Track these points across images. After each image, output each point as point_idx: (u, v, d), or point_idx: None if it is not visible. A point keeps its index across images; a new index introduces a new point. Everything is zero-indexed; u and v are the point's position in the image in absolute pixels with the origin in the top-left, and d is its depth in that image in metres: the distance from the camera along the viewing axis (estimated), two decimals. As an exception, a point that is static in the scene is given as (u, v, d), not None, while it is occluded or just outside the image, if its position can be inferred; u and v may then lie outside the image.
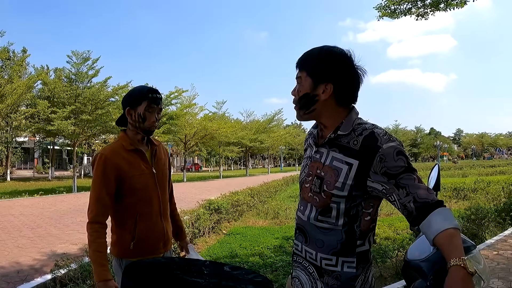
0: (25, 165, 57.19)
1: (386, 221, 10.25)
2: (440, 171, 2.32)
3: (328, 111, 1.70)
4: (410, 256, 1.98)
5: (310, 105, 1.70)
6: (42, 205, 15.90)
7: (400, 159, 1.56)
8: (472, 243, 1.86)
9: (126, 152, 2.44)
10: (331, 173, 1.65)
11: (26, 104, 31.46)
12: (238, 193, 14.21)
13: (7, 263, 7.05)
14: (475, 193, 16.07)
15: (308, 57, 1.71)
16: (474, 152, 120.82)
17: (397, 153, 1.57)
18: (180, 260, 1.68)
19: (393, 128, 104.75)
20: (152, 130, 2.50)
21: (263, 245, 7.80)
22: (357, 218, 1.66)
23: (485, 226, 8.03)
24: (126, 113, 2.47)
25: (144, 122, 2.43)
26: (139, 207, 2.44)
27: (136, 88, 2.52)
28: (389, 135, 1.64)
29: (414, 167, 1.59)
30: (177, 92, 35.19)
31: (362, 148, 1.60)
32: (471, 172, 35.35)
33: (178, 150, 55.33)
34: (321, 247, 1.69)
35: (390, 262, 5.82)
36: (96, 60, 26.90)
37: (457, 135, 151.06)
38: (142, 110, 2.42)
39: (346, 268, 1.66)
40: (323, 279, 1.69)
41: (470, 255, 1.76)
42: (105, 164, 2.35)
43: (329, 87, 1.65)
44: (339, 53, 1.67)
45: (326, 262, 1.68)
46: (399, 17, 9.95)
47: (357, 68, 1.68)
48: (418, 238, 2.13)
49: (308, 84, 1.68)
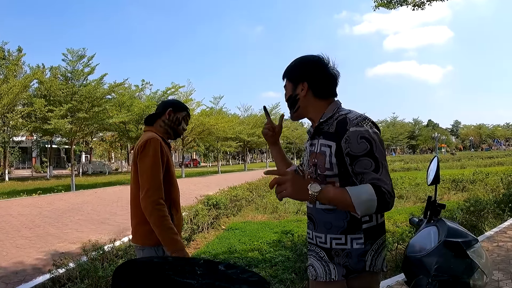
0: (23, 165, 57.07)
1: (385, 214, 10.16)
2: (439, 163, 2.29)
3: (310, 105, 2.00)
4: (410, 251, 1.95)
5: (295, 104, 2.03)
6: (41, 204, 15.86)
7: (362, 142, 1.75)
8: (473, 237, 1.84)
9: (165, 144, 2.76)
10: (321, 157, 1.88)
11: (23, 103, 31.32)
12: (236, 188, 14.19)
13: (5, 264, 7.02)
14: (474, 184, 16.05)
15: (288, 68, 2.07)
16: (472, 143, 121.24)
17: (361, 137, 1.75)
18: (173, 259, 1.64)
19: (391, 120, 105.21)
20: (179, 135, 3.03)
21: (262, 240, 7.77)
22: None
23: (484, 218, 8.01)
24: (167, 112, 2.86)
25: (179, 126, 2.93)
26: (174, 195, 2.76)
27: (180, 101, 3.10)
28: (361, 120, 1.82)
29: (378, 155, 1.74)
30: (174, 88, 35.08)
31: (336, 131, 1.84)
32: (470, 163, 35.41)
33: (176, 146, 55.27)
34: (330, 228, 1.87)
35: (390, 255, 5.79)
36: (91, 58, 26.79)
37: (455, 126, 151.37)
38: (181, 116, 2.94)
39: (356, 245, 1.82)
40: (333, 260, 1.86)
41: (471, 250, 1.74)
42: (161, 148, 2.63)
43: (305, 85, 1.98)
44: (310, 58, 2.02)
45: (336, 241, 1.85)
46: (395, 7, 9.90)
47: (330, 68, 1.99)
48: (418, 232, 2.10)
49: (290, 88, 2.04)
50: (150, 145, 2.60)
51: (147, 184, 2.52)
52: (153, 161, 2.57)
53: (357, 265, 1.82)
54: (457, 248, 1.77)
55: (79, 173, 45.95)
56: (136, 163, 2.65)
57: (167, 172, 2.68)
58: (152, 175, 2.54)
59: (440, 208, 2.17)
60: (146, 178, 2.54)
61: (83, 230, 9.93)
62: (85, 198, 18.08)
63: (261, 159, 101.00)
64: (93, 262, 5.60)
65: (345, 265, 1.83)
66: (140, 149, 2.62)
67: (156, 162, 2.57)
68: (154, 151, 2.59)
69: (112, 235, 8.04)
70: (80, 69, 26.64)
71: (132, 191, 2.72)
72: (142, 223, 2.62)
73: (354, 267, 1.82)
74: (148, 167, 2.55)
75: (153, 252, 2.62)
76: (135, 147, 2.73)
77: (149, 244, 2.62)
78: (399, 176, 21.00)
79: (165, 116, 2.86)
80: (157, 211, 2.49)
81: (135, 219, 2.71)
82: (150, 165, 2.56)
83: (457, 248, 1.77)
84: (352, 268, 1.82)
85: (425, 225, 2.16)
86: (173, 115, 2.88)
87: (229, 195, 11.96)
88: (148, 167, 2.55)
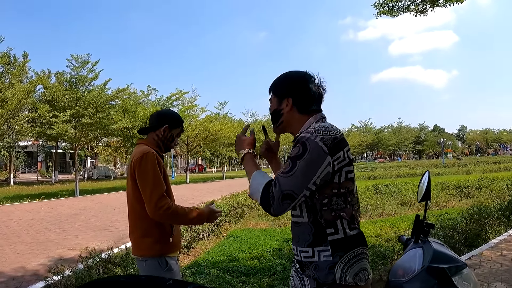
0: (29, 169, 57.31)
1: (388, 222, 10.12)
2: (430, 178, 2.17)
3: (294, 121, 2.02)
4: (392, 276, 1.85)
5: (278, 118, 2.06)
6: (43, 209, 15.86)
7: (297, 147, 1.81)
8: (463, 262, 1.73)
9: (158, 155, 2.76)
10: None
11: (28, 108, 31.44)
12: (239, 194, 14.13)
13: (3, 270, 6.98)
14: (479, 191, 15.87)
15: (274, 82, 2.10)
16: (478, 148, 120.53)
17: (297, 142, 1.82)
18: (143, 278, 1.56)
19: (396, 125, 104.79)
20: (169, 150, 3.00)
21: (262, 248, 7.69)
22: (316, 210, 1.82)
23: (489, 226, 7.87)
24: (163, 128, 2.83)
25: (171, 142, 2.92)
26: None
27: (176, 113, 3.01)
28: (315, 130, 1.83)
29: (300, 162, 1.76)
30: (178, 94, 35.14)
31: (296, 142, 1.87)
32: (475, 169, 35.13)
33: (181, 151, 55.28)
34: (298, 241, 1.90)
35: (391, 265, 5.68)
36: (95, 63, 26.89)
37: (461, 131, 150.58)
38: (176, 133, 2.92)
39: (323, 257, 1.81)
40: (305, 273, 1.86)
41: (458, 276, 1.64)
42: (158, 161, 2.66)
43: (289, 101, 2.01)
44: (296, 74, 2.06)
45: (304, 254, 1.86)
46: (397, 14, 9.80)
47: (315, 84, 2.02)
48: (404, 255, 2.00)
49: (275, 102, 2.07)
50: (147, 159, 2.61)
51: (155, 196, 2.53)
52: (153, 174, 2.59)
53: (326, 278, 1.79)
54: (441, 274, 1.66)
55: (84, 178, 46.00)
56: (134, 177, 2.64)
57: (165, 184, 2.70)
58: (156, 186, 2.56)
59: (429, 228, 2.05)
60: (150, 192, 2.55)
61: (83, 237, 9.87)
62: (88, 203, 18.06)
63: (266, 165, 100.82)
64: (89, 270, 5.53)
65: (315, 278, 1.82)
66: (137, 164, 2.62)
67: (156, 174, 2.60)
68: (152, 164, 2.61)
69: (111, 242, 7.97)
70: (84, 74, 26.73)
71: (131, 205, 2.72)
72: (144, 236, 2.65)
73: (323, 280, 1.80)
74: (151, 180, 2.57)
75: (157, 263, 2.63)
76: (130, 161, 2.72)
77: (152, 255, 2.64)
78: (403, 182, 20.86)
79: (160, 132, 2.84)
80: (170, 216, 2.56)
81: (136, 232, 2.70)
82: (152, 178, 2.58)
83: (441, 274, 1.66)
84: (321, 280, 1.80)
85: (412, 245, 2.05)
86: (168, 132, 2.86)
87: (231, 202, 11.87)
88: (150, 180, 2.57)
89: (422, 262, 1.78)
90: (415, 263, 1.81)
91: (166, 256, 2.66)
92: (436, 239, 2.06)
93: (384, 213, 11.66)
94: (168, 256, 2.68)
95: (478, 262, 5.98)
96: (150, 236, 2.63)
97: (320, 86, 2.05)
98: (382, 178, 27.64)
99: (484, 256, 6.31)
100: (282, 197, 1.75)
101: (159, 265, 2.63)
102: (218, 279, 5.72)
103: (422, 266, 1.73)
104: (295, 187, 1.75)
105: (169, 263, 2.66)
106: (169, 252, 2.69)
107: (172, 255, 2.72)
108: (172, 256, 2.71)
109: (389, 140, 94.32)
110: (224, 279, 5.69)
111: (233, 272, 6.15)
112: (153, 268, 2.64)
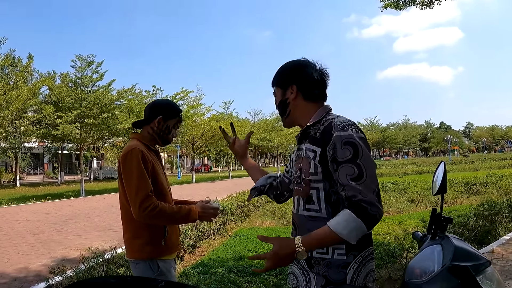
0: (35, 171, 57.58)
1: (396, 219, 9.95)
2: (446, 170, 2.00)
3: (300, 108, 1.97)
4: (409, 276, 1.69)
5: (286, 108, 2.01)
6: (48, 210, 15.83)
7: (346, 149, 1.70)
8: (486, 259, 1.57)
9: (150, 151, 2.62)
10: (306, 162, 1.85)
11: (33, 110, 31.48)
12: (245, 193, 13.97)
13: (6, 271, 6.92)
14: (487, 187, 15.66)
15: (275, 74, 2.06)
16: (485, 145, 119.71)
17: (345, 143, 1.71)
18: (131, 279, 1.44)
19: (402, 123, 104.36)
20: (169, 143, 2.80)
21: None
22: (338, 206, 1.75)
23: (498, 222, 7.70)
24: (156, 120, 2.65)
25: (168, 134, 2.71)
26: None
27: (171, 103, 2.83)
28: (346, 125, 1.76)
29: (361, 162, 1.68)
30: (183, 93, 35.06)
31: (322, 136, 1.80)
32: (483, 165, 34.74)
33: (187, 151, 55.26)
34: None
35: (400, 263, 5.53)
36: (100, 64, 26.94)
37: (467, 128, 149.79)
38: (172, 124, 2.71)
39: (337, 256, 1.74)
40: (313, 270, 1.79)
41: (482, 275, 1.48)
42: (143, 157, 2.47)
43: (294, 88, 1.96)
44: (296, 61, 2.01)
45: (317, 250, 1.77)
46: (404, 7, 9.65)
47: (318, 69, 1.96)
48: (420, 253, 1.84)
49: (280, 93, 2.03)
50: (131, 157, 2.45)
51: (139, 197, 2.36)
52: (138, 173, 2.41)
53: (336, 276, 1.74)
54: (464, 273, 1.51)
55: (90, 178, 46.07)
56: (121, 176, 2.50)
57: (155, 181, 2.51)
58: (138, 188, 2.38)
59: (447, 223, 1.90)
60: (135, 192, 2.38)
61: (87, 237, 9.79)
62: (93, 204, 18.02)
63: (272, 164, 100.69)
64: (91, 271, 5.43)
65: (324, 275, 1.76)
66: (122, 162, 2.48)
67: (139, 174, 2.41)
68: (137, 163, 2.43)
69: (114, 242, 7.86)
70: (88, 75, 26.73)
71: (122, 205, 2.58)
72: (135, 237, 2.52)
73: (333, 278, 1.74)
74: (134, 180, 2.40)
75: (148, 266, 2.49)
76: (119, 157, 2.58)
77: (143, 258, 2.50)
78: (411, 180, 20.67)
79: (154, 124, 2.66)
80: (155, 217, 2.38)
81: (127, 233, 2.57)
82: (136, 177, 2.40)
83: (464, 273, 1.51)
84: (331, 279, 1.75)
85: (428, 242, 1.88)
86: (163, 123, 2.67)
87: (236, 201, 11.75)
88: (132, 180, 2.40)
89: (442, 260, 1.62)
90: (433, 261, 1.66)
91: (158, 259, 2.52)
92: (454, 235, 1.90)
93: (391, 210, 11.49)
94: (161, 259, 2.53)
95: (490, 259, 5.80)
96: (140, 238, 2.50)
97: (323, 71, 1.99)
98: (389, 176, 27.39)
99: (495, 253, 6.15)
100: (378, 198, 1.66)
101: (150, 269, 2.49)
102: (224, 278, 5.60)
103: (443, 264, 1.57)
104: (375, 183, 1.69)
105: (161, 267, 2.51)
106: (161, 255, 2.53)
107: (165, 258, 2.56)
108: (165, 259, 2.56)
109: (396, 138, 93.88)
110: (229, 279, 5.57)
111: (238, 272, 6.03)
112: (144, 271, 2.51)
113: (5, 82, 21.53)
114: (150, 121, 2.68)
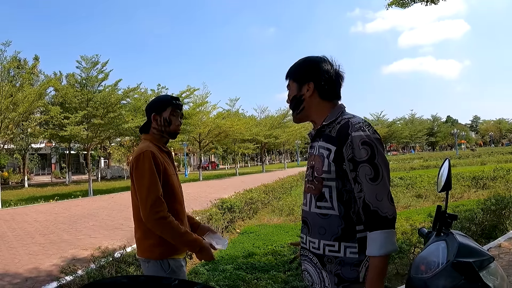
0: (43, 171, 57.88)
1: (404, 214, 9.94)
2: (450, 167, 2.03)
3: (315, 107, 1.97)
4: (414, 272, 1.72)
5: (299, 105, 2.00)
6: (57, 210, 15.93)
7: (364, 149, 1.72)
8: (489, 255, 1.60)
9: (161, 152, 2.63)
10: (319, 160, 1.86)
11: (40, 111, 31.62)
12: (252, 190, 14.00)
13: (17, 271, 6.98)
14: (495, 181, 15.61)
15: (292, 67, 2.04)
16: (492, 139, 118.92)
17: (362, 143, 1.73)
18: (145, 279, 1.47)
19: (409, 117, 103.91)
20: (177, 133, 2.76)
21: (276, 244, 7.59)
22: (350, 205, 1.79)
23: (506, 217, 7.67)
24: (152, 118, 2.68)
25: (170, 125, 2.69)
26: (176, 206, 2.60)
27: (160, 96, 2.81)
28: (364, 125, 1.79)
29: (378, 162, 1.71)
30: (189, 91, 35.04)
31: (338, 135, 1.81)
32: (490, 159, 34.52)
33: (194, 149, 55.31)
34: (323, 234, 1.83)
35: (407, 259, 5.54)
36: (105, 64, 26.93)
37: (474, 122, 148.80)
38: (168, 114, 2.68)
39: (349, 254, 1.76)
40: (326, 268, 1.81)
41: (485, 271, 1.51)
42: (154, 159, 2.48)
43: (311, 85, 1.95)
44: (316, 58, 1.99)
45: (329, 248, 1.80)
46: (409, 5, 9.63)
47: (335, 69, 1.97)
48: (425, 249, 1.87)
49: (295, 88, 2.00)
50: (143, 159, 2.47)
51: (149, 201, 2.40)
52: (148, 176, 2.43)
53: (349, 274, 1.76)
54: (468, 269, 1.54)
55: (98, 178, 46.26)
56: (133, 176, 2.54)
57: (166, 183, 2.54)
58: (149, 190, 2.41)
59: (451, 220, 1.92)
60: (144, 195, 2.42)
61: (97, 236, 9.86)
62: (102, 203, 18.11)
63: (279, 160, 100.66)
64: (101, 270, 5.48)
65: (337, 273, 1.78)
66: (134, 164, 2.51)
67: (151, 176, 2.44)
68: (149, 165, 2.45)
69: (124, 241, 7.92)
70: (94, 75, 26.81)
71: (134, 205, 2.61)
72: (145, 237, 2.54)
73: (346, 276, 1.77)
74: (144, 183, 2.43)
75: (158, 265, 2.51)
76: (131, 159, 2.61)
77: (154, 258, 2.53)
78: (418, 175, 20.62)
79: (154, 123, 2.70)
80: (162, 226, 2.40)
81: (138, 233, 2.61)
82: (146, 180, 2.43)
83: (468, 269, 1.54)
84: (344, 277, 1.77)
85: (433, 238, 1.91)
86: (159, 118, 2.68)
87: (244, 198, 11.77)
88: (144, 183, 2.43)
89: (446, 256, 1.66)
90: (438, 257, 1.69)
91: (169, 258, 2.53)
92: (459, 231, 1.93)
93: (399, 205, 11.47)
94: (172, 258, 2.54)
95: (497, 254, 5.81)
96: (150, 238, 2.52)
97: (339, 71, 2.00)
98: (396, 171, 27.30)
99: (502, 248, 6.14)
100: (391, 197, 1.71)
101: (161, 268, 2.52)
102: (233, 275, 5.64)
103: (447, 260, 1.61)
104: (388, 182, 1.74)
105: (172, 265, 2.53)
106: (172, 254, 2.54)
107: (176, 257, 2.56)
108: (176, 258, 2.56)
109: (402, 133, 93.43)
110: (238, 276, 5.61)
111: (247, 269, 6.07)
112: (155, 270, 2.55)
113: (11, 85, 21.57)
114: (150, 122, 2.73)
